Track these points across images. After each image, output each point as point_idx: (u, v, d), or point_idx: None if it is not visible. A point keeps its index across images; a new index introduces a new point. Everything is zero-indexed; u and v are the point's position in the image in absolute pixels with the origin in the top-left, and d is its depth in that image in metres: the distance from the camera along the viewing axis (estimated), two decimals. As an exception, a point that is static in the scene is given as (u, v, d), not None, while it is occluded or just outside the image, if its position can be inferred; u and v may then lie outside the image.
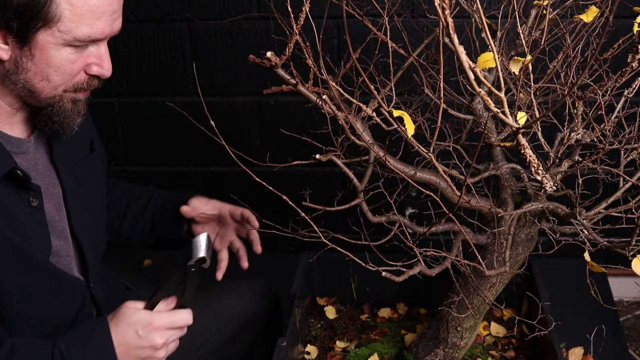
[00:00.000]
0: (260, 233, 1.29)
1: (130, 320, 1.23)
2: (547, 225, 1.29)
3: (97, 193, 1.47)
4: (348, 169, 1.25)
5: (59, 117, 1.24)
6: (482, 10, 0.74)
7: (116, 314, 1.25)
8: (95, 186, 1.47)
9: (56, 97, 1.22)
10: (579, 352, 1.53)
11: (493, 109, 0.73)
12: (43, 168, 1.32)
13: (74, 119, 1.27)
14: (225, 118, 2.18)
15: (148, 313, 1.24)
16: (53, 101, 1.22)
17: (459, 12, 1.23)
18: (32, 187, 1.25)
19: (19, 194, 1.24)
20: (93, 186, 1.45)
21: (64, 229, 1.35)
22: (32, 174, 1.28)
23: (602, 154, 1.10)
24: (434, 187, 1.26)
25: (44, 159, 1.33)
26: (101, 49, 1.21)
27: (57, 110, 1.24)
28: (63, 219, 1.35)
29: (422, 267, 1.21)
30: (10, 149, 1.25)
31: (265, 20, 2.05)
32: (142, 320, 1.23)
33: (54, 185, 1.34)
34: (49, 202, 1.31)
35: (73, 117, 1.26)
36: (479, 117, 1.33)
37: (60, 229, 1.34)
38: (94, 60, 1.21)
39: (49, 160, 1.34)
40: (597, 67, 1.20)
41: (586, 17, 1.07)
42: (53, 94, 1.21)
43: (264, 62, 1.11)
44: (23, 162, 1.27)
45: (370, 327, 1.71)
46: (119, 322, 1.23)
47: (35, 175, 1.29)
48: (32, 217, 1.26)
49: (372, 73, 1.25)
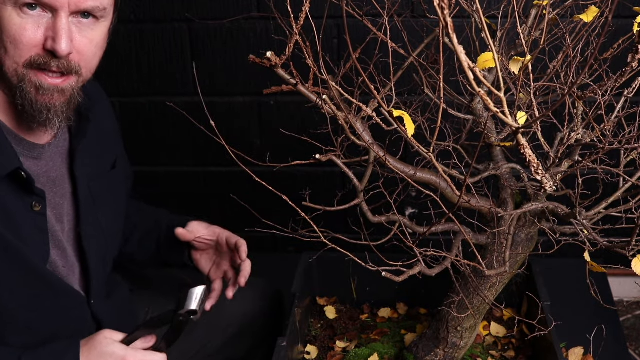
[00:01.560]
0: (260, 233, 1.28)
1: (103, 351, 1.19)
2: (547, 225, 1.29)
3: (111, 211, 1.44)
4: (348, 169, 1.25)
5: (25, 103, 1.18)
6: (482, 10, 0.74)
7: (91, 340, 1.21)
8: (111, 204, 1.44)
9: (19, 74, 1.16)
10: (579, 352, 1.53)
11: (493, 109, 0.72)
12: (57, 177, 1.31)
13: (44, 113, 1.19)
14: (225, 118, 2.18)
15: (123, 347, 1.20)
16: (17, 79, 1.16)
17: (459, 12, 1.23)
18: (36, 191, 1.23)
19: (22, 197, 1.22)
20: (108, 203, 1.42)
21: (61, 241, 1.32)
22: (42, 180, 1.26)
23: (602, 154, 1.10)
24: (434, 187, 1.26)
25: (61, 169, 1.32)
26: (59, 21, 1.14)
27: (22, 94, 1.17)
28: (64, 230, 1.33)
29: (422, 267, 1.21)
30: (21, 151, 1.23)
31: (265, 20, 2.05)
32: (116, 353, 1.18)
33: (62, 196, 1.32)
34: (50, 211, 1.29)
35: (43, 111, 1.19)
36: (479, 117, 1.33)
37: (58, 239, 1.31)
38: (50, 34, 1.14)
39: (67, 171, 1.32)
40: (597, 67, 1.20)
41: (586, 17, 1.07)
42: (14, 68, 1.16)
43: (264, 62, 1.11)
44: (34, 166, 1.26)
45: (370, 327, 1.71)
46: (91, 349, 1.19)
47: (45, 182, 1.27)
48: (34, 221, 1.24)
49: (372, 73, 1.25)
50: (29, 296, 1.25)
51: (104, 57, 1.28)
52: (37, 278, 1.25)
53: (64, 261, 1.33)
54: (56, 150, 1.31)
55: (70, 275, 1.34)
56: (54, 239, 1.30)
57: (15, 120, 1.24)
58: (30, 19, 1.14)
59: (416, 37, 1.45)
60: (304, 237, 1.22)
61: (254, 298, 1.64)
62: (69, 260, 1.34)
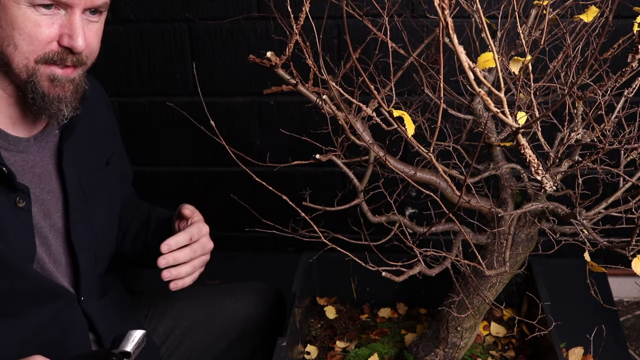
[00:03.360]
0: (260, 233, 1.28)
1: None
2: (547, 225, 1.29)
3: (103, 208, 1.43)
4: (348, 169, 1.25)
5: (37, 97, 1.19)
6: (482, 10, 0.74)
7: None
8: (103, 201, 1.42)
9: (29, 69, 1.17)
10: (579, 352, 1.53)
11: (493, 109, 0.72)
12: (43, 172, 1.30)
13: (55, 103, 1.21)
14: (225, 118, 2.18)
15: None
16: (27, 74, 1.17)
17: (459, 12, 1.23)
18: (19, 186, 1.22)
19: (7, 193, 1.20)
20: (100, 200, 1.41)
21: (48, 237, 1.31)
22: (28, 175, 1.25)
23: (602, 154, 1.10)
24: (434, 187, 1.26)
25: (48, 164, 1.31)
26: (73, 17, 1.16)
27: (34, 88, 1.18)
28: (52, 226, 1.31)
29: (422, 267, 1.21)
30: (6, 146, 1.22)
31: (265, 20, 2.05)
32: None
33: (50, 191, 1.31)
34: (36, 207, 1.28)
35: (54, 101, 1.20)
36: (479, 117, 1.33)
37: (45, 236, 1.30)
38: (66, 31, 1.16)
39: (54, 166, 1.32)
40: (597, 67, 1.20)
41: (586, 17, 1.07)
42: (25, 64, 1.17)
43: (264, 62, 1.11)
44: (20, 161, 1.25)
45: (370, 327, 1.71)
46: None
47: (30, 178, 1.26)
48: (18, 218, 1.23)
49: (372, 73, 1.25)
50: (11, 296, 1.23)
51: (104, 57, 1.28)
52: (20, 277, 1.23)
53: (51, 258, 1.31)
54: (44, 145, 1.30)
55: (58, 272, 1.33)
56: (40, 235, 1.28)
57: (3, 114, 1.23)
58: (45, 16, 1.15)
59: (416, 37, 1.45)
60: (304, 237, 1.22)
61: (256, 303, 1.63)
62: (56, 257, 1.33)
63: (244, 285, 1.69)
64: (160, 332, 1.61)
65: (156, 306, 1.63)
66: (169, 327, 1.61)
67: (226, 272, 2.19)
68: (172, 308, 1.63)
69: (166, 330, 1.61)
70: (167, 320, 1.62)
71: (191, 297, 1.65)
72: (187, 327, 1.61)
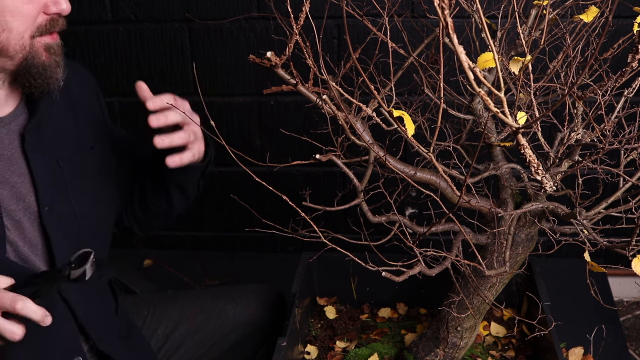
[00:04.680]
0: (260, 233, 1.28)
1: None
2: (547, 225, 1.29)
3: (90, 192, 1.41)
4: (348, 169, 1.25)
5: (38, 70, 1.22)
6: (482, 10, 0.74)
7: None
8: (90, 185, 1.41)
9: (26, 47, 1.20)
10: (579, 352, 1.53)
11: (493, 109, 0.73)
12: (11, 155, 1.28)
13: (54, 69, 1.24)
14: (225, 118, 2.18)
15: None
16: (25, 53, 1.20)
17: (459, 12, 1.23)
18: None
19: None
20: (87, 185, 1.40)
21: (20, 220, 1.29)
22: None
23: (602, 154, 1.10)
24: (434, 187, 1.26)
25: (15, 146, 1.29)
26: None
27: (34, 63, 1.21)
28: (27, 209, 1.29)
29: (422, 267, 1.21)
30: None
31: (265, 20, 2.05)
32: None
33: (21, 174, 1.29)
34: (6, 190, 1.27)
35: (53, 68, 1.24)
36: (479, 117, 1.33)
37: (16, 219, 1.28)
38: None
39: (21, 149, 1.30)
40: (597, 67, 1.20)
41: (586, 17, 1.07)
42: (21, 43, 1.19)
43: (264, 62, 1.11)
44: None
45: (370, 327, 1.71)
46: None
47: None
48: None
49: (372, 73, 1.25)
50: None
51: (105, 57, 1.28)
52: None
53: (26, 242, 1.30)
54: (12, 128, 1.29)
55: (35, 257, 1.31)
56: (11, 218, 1.27)
57: None
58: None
59: (416, 37, 1.45)
60: (304, 237, 1.22)
61: (256, 307, 1.63)
62: (32, 241, 1.31)
63: (244, 288, 1.69)
64: (160, 334, 1.60)
65: (155, 308, 1.63)
66: (169, 330, 1.61)
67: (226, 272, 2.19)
68: (172, 310, 1.62)
69: (165, 332, 1.61)
70: (167, 323, 1.61)
71: (191, 299, 1.65)
72: (187, 330, 1.61)
